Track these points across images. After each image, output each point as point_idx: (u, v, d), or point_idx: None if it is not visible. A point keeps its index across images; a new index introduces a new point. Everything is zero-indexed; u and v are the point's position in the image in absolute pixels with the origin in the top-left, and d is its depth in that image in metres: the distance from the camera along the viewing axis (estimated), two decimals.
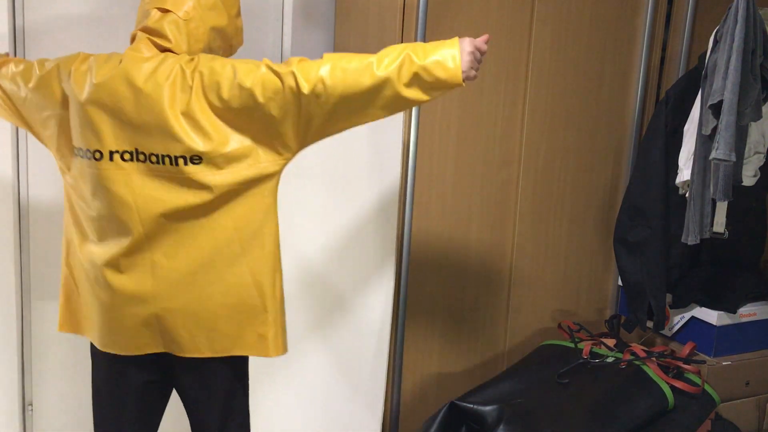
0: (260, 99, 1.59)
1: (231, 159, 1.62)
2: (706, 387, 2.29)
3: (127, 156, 1.63)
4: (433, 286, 2.46)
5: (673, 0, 2.65)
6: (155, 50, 1.67)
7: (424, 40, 2.25)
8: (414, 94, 1.62)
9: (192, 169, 1.61)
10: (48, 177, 2.41)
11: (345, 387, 2.41)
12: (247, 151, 1.63)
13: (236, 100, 1.60)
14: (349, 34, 2.60)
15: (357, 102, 1.62)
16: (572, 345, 2.44)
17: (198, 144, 1.59)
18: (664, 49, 2.68)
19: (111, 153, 1.63)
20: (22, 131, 2.36)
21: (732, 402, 2.42)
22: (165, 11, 1.66)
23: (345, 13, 2.62)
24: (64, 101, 1.68)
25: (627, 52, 2.61)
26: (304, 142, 1.67)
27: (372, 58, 1.60)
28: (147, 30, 1.68)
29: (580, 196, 2.65)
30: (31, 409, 2.50)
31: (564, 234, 2.65)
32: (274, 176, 1.68)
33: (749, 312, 2.50)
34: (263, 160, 1.65)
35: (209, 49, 1.72)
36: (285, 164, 1.69)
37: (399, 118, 2.24)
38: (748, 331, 2.49)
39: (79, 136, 1.65)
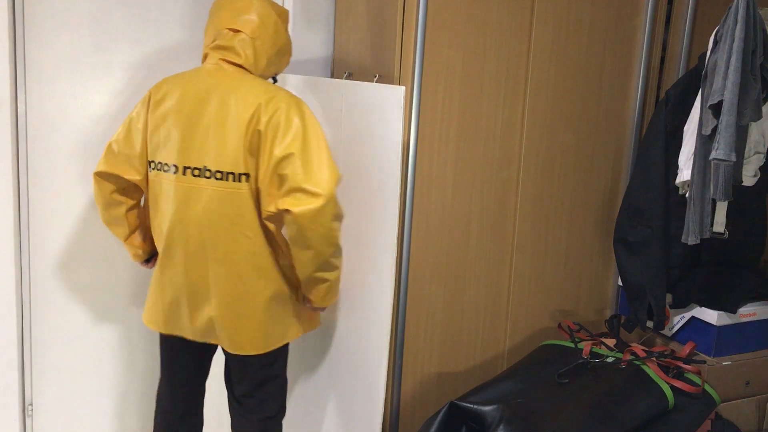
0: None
1: None
2: (706, 387, 2.29)
3: None
4: (433, 286, 2.46)
5: (673, 0, 2.65)
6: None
7: (424, 40, 2.25)
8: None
9: None
10: (48, 177, 2.41)
11: (345, 387, 2.41)
12: None
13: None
14: (349, 34, 2.60)
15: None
16: (572, 345, 2.44)
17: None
18: (664, 49, 2.68)
19: None
20: (21, 131, 2.36)
21: (732, 402, 2.42)
22: (236, 31, 1.97)
23: (345, 13, 2.62)
24: None
25: (627, 52, 2.61)
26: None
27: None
28: (220, 48, 1.98)
29: (580, 196, 2.65)
30: (31, 409, 2.50)
31: (564, 234, 2.65)
32: None
33: (749, 312, 2.49)
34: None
35: (270, 63, 2.05)
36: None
37: (399, 118, 2.24)
38: (748, 331, 2.49)
39: None
